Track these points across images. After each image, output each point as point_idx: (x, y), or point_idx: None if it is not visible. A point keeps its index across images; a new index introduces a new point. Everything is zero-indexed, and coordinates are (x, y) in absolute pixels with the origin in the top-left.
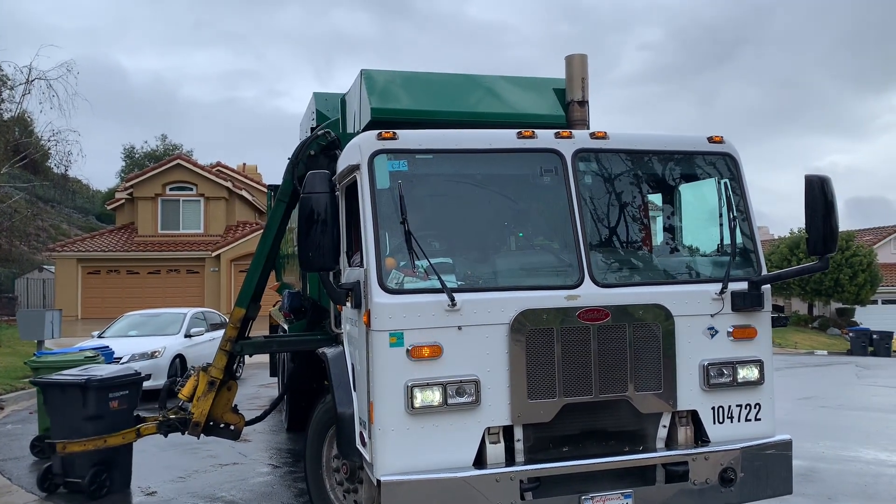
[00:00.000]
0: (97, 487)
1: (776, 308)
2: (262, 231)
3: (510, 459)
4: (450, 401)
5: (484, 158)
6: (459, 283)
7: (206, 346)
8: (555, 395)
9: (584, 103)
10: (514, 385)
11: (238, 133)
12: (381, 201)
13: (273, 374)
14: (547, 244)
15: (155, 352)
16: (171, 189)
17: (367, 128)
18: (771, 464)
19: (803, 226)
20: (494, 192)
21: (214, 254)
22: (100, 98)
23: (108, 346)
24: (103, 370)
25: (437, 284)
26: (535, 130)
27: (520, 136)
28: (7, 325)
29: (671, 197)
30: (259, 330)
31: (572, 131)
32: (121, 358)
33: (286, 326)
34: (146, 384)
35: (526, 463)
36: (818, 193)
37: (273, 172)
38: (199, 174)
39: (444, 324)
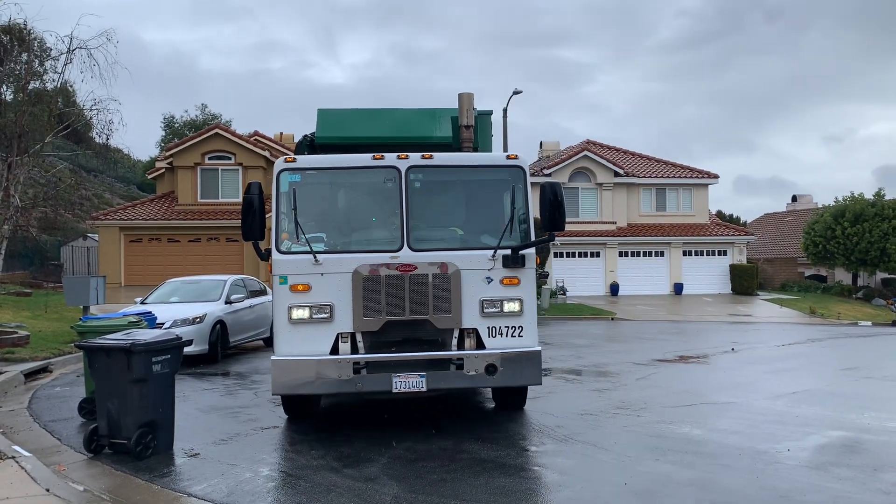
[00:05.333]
0: (142, 448)
1: (818, 278)
2: None
3: (356, 354)
4: (314, 316)
5: (352, 172)
6: (325, 247)
7: (246, 313)
8: (381, 315)
9: (469, 127)
10: (355, 308)
11: (271, 104)
12: (283, 200)
13: None
14: (386, 225)
15: (196, 318)
16: (209, 158)
17: (319, 149)
18: (523, 363)
19: (849, 194)
20: (357, 193)
21: None
22: (131, 70)
23: (150, 312)
24: (146, 335)
25: (309, 248)
26: (385, 154)
27: (374, 158)
28: (53, 291)
29: (475, 194)
30: None
31: (409, 154)
32: (163, 323)
33: None
34: (187, 349)
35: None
36: (549, 194)
37: None
38: (238, 143)
39: (313, 272)
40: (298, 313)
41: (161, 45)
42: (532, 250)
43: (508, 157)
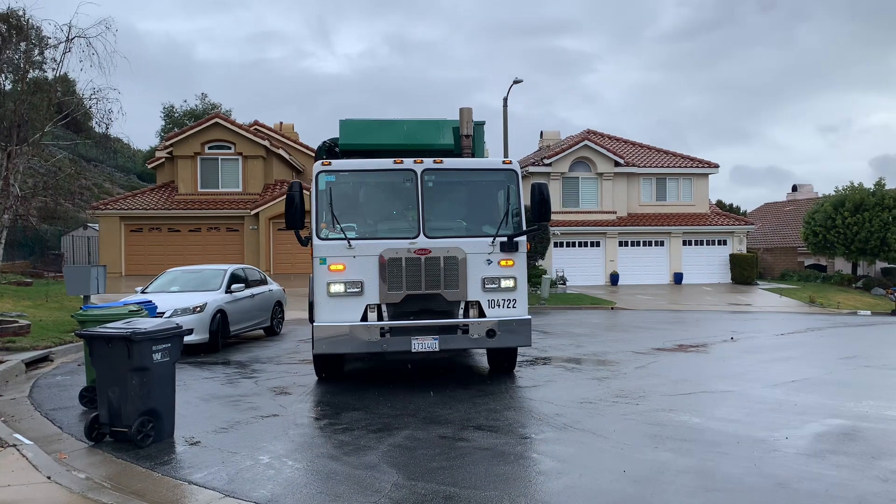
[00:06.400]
0: (143, 437)
1: (818, 268)
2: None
3: (382, 321)
4: (348, 290)
5: (377, 173)
6: (356, 235)
7: (246, 302)
8: (402, 289)
9: (469, 136)
10: (381, 284)
11: (270, 93)
12: (321, 197)
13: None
14: (405, 217)
15: (197, 307)
16: (209, 148)
17: (340, 153)
18: (517, 328)
19: (848, 183)
20: (381, 190)
21: (253, 212)
22: (129, 59)
23: (151, 301)
24: (147, 324)
25: (343, 236)
26: (403, 159)
27: (395, 162)
28: (54, 280)
29: (477, 192)
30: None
31: (423, 159)
32: (164, 312)
33: None
34: (188, 338)
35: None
36: (537, 192)
37: (309, 132)
38: (237, 133)
39: (347, 254)
40: (335, 288)
41: (158, 35)
42: (524, 237)
43: (504, 162)
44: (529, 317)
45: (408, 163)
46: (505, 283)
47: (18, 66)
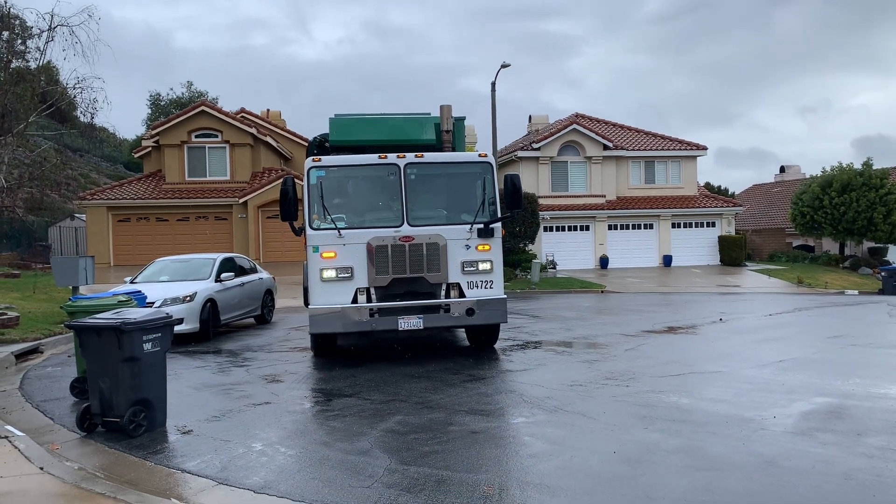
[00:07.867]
0: (135, 426)
1: (806, 248)
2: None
3: (370, 303)
4: (339, 276)
5: (363, 168)
6: (346, 225)
7: (236, 291)
8: (388, 274)
9: (449, 132)
10: (369, 269)
11: (255, 80)
12: (312, 190)
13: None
14: (390, 207)
15: (187, 296)
16: (196, 136)
17: (330, 149)
18: (493, 307)
19: (836, 164)
20: (367, 183)
21: (241, 200)
22: (113, 48)
23: (140, 291)
24: (136, 313)
25: (334, 226)
26: (388, 154)
27: (379, 157)
28: (42, 272)
29: (456, 183)
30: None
31: (406, 154)
32: (154, 302)
33: None
34: (178, 328)
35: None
36: (510, 183)
37: (295, 119)
38: (224, 121)
39: (337, 242)
40: (328, 273)
41: (137, 24)
42: (499, 224)
43: (480, 156)
44: (505, 296)
45: (391, 157)
46: (482, 266)
47: (1, 57)
